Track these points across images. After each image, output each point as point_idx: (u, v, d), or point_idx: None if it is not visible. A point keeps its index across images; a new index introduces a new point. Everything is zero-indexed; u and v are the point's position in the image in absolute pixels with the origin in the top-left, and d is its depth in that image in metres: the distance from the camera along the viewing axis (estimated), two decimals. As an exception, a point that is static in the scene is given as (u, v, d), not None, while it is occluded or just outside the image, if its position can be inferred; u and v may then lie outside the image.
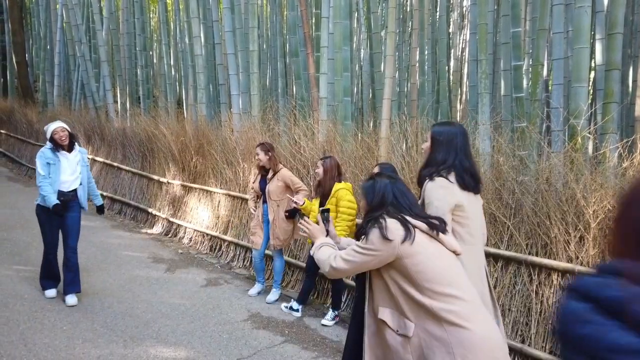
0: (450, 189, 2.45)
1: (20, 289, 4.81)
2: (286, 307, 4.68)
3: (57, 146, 4.49)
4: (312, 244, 4.44)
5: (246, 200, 6.15)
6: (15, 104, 15.39)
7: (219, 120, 7.87)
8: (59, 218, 4.52)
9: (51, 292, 4.67)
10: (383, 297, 2.04)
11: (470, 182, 2.52)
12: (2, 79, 20.03)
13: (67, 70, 13.53)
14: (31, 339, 3.78)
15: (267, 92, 11.27)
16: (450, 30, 11.96)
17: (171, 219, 7.48)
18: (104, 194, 8.97)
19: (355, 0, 10.64)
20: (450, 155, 2.50)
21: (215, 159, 6.84)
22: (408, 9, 11.67)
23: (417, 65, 9.02)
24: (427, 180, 2.50)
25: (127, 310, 4.48)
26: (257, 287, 5.13)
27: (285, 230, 4.85)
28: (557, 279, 3.50)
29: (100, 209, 5.03)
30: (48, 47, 14.64)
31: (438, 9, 10.43)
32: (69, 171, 4.54)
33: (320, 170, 4.45)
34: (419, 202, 2.47)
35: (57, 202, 4.40)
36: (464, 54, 12.30)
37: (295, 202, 4.51)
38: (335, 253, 2.16)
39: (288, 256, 5.50)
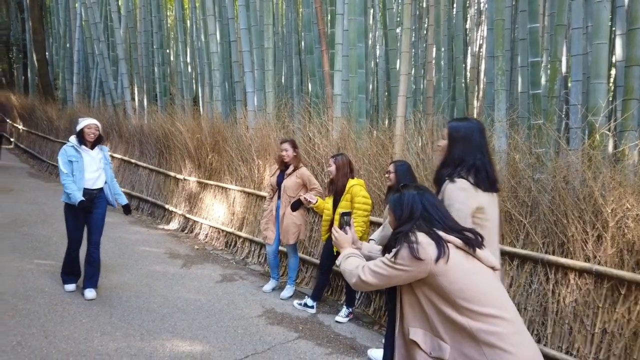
0: (471, 191, 2.34)
1: (41, 282, 4.92)
2: (300, 304, 4.71)
3: (82, 141, 4.54)
4: (327, 240, 4.49)
5: (261, 197, 6.19)
6: (36, 101, 15.71)
7: (234, 118, 7.93)
8: (85, 215, 4.59)
9: (71, 287, 4.77)
10: (415, 316, 1.92)
11: (488, 182, 2.42)
12: (23, 77, 20.46)
13: (86, 68, 13.75)
14: (51, 331, 3.87)
15: (282, 90, 11.31)
16: (467, 26, 11.84)
17: (187, 215, 7.58)
18: (123, 190, 9.09)
19: (370, -3, 10.59)
20: (468, 153, 2.40)
21: (231, 155, 6.89)
22: (424, 5, 11.57)
23: (433, 62, 8.95)
24: (447, 181, 2.39)
25: (144, 305, 4.55)
26: (271, 284, 5.17)
27: (294, 224, 4.87)
28: (574, 279, 3.46)
29: (126, 209, 4.93)
30: (67, 45, 14.89)
31: (454, 5, 10.34)
32: (93, 168, 4.58)
33: (332, 168, 4.46)
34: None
35: (83, 199, 4.45)
36: (481, 50, 12.18)
37: (309, 200, 4.54)
38: (363, 264, 2.03)
39: (302, 253, 5.53)
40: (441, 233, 1.90)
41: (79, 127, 4.56)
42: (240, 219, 6.62)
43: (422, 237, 1.87)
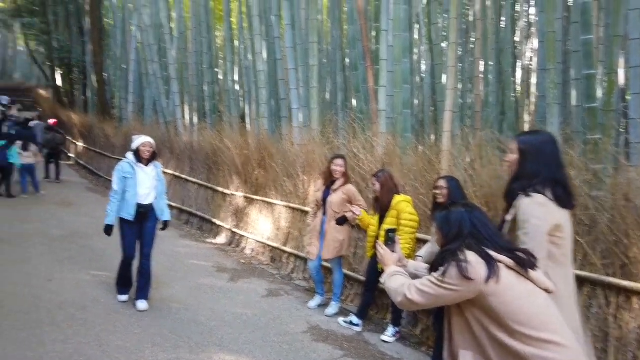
0: (549, 207, 2.22)
1: (97, 293, 5.14)
2: (345, 322, 4.67)
3: (138, 158, 4.75)
4: (372, 257, 4.45)
5: (306, 212, 6.23)
6: (94, 119, 16.61)
7: (280, 134, 8.06)
8: (138, 228, 4.78)
9: (124, 297, 4.96)
10: (465, 339, 1.85)
11: (565, 197, 2.29)
12: (83, 97, 21.69)
13: (140, 87, 14.43)
14: (105, 341, 4.03)
15: (327, 106, 11.40)
16: (516, 39, 11.55)
17: (234, 230, 7.73)
18: (173, 204, 9.43)
19: (415, 13, 10.57)
20: (542, 166, 2.28)
21: (276, 171, 7.00)
22: (471, 19, 11.42)
23: (481, 76, 8.79)
24: (521, 196, 2.26)
25: (193, 317, 4.66)
26: (316, 300, 5.16)
27: (336, 239, 4.85)
28: (638, 303, 3.25)
29: (165, 224, 5.06)
30: (124, 66, 15.71)
31: (503, 18, 10.13)
32: (146, 184, 4.78)
33: (377, 187, 4.43)
34: (511, 218, 2.27)
35: (112, 224, 4.71)
36: (531, 63, 11.84)
37: (353, 211, 4.54)
38: (409, 282, 1.98)
39: (347, 270, 5.50)
40: (491, 252, 1.83)
41: (134, 145, 4.78)
42: (286, 234, 6.68)
43: (471, 256, 1.81)
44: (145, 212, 4.78)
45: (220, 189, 8.41)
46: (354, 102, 8.89)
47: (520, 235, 2.22)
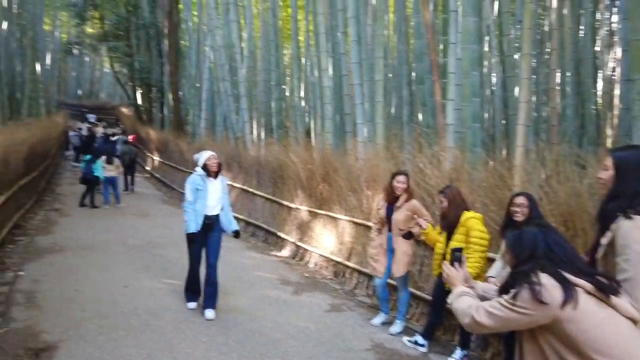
0: None
1: (169, 300, 5.37)
2: (410, 341, 4.53)
3: (207, 173, 4.97)
4: (439, 275, 4.31)
5: (369, 227, 6.17)
6: (170, 135, 17.60)
7: (344, 149, 8.08)
8: (204, 238, 4.99)
9: (192, 305, 5.15)
10: None
11: None
12: (160, 114, 23.09)
13: (212, 105, 15.13)
14: (176, 348, 4.18)
15: (392, 121, 11.31)
16: (597, 48, 10.88)
17: (298, 243, 7.81)
18: (240, 217, 9.71)
19: (485, 24, 10.28)
20: None
21: (340, 186, 7.01)
22: (546, 29, 10.92)
23: (557, 87, 8.34)
24: (620, 218, 2.08)
25: (258, 329, 4.73)
26: (380, 317, 5.06)
27: (406, 253, 4.74)
28: None
29: (236, 233, 5.30)
30: (197, 85, 16.57)
31: (582, 27, 9.59)
32: (214, 197, 5.01)
33: (445, 204, 4.29)
34: (607, 242, 2.11)
35: (194, 231, 4.88)
36: (614, 73, 11.08)
37: (420, 224, 4.44)
38: (477, 304, 1.89)
39: (413, 287, 5.35)
40: (568, 275, 1.71)
41: (201, 161, 5.01)
42: (349, 249, 6.64)
43: (545, 279, 1.69)
44: (210, 224, 4.98)
45: (285, 202, 8.55)
46: (420, 116, 8.75)
47: (619, 261, 2.03)
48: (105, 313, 4.86)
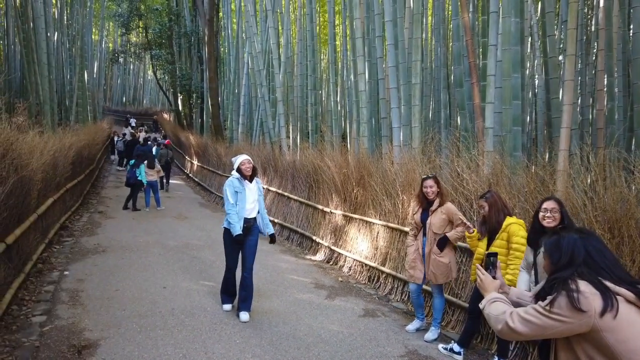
0: None
1: (205, 301, 5.46)
2: (445, 349, 4.42)
3: (242, 176, 5.05)
4: (475, 282, 4.19)
5: (404, 232, 6.08)
6: (209, 140, 17.99)
7: (380, 153, 8.02)
8: (243, 243, 5.04)
9: (227, 307, 5.22)
10: None
11: None
12: (200, 120, 23.66)
13: (250, 110, 15.38)
14: (211, 348, 4.24)
15: (429, 124, 11.16)
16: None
17: (333, 248, 7.78)
18: (275, 220, 9.79)
19: (528, 25, 9.98)
20: None
21: (375, 190, 6.94)
22: (592, 29, 10.51)
23: (605, 89, 7.99)
24: None
25: (291, 332, 4.73)
26: (415, 324, 4.97)
27: (442, 264, 4.64)
28: None
29: (272, 237, 5.24)
30: (236, 90, 16.87)
31: (631, 27, 9.16)
32: (251, 199, 5.07)
33: (486, 209, 4.17)
34: None
35: (240, 233, 4.91)
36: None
37: (468, 225, 4.34)
38: (511, 310, 1.84)
39: (448, 294, 5.23)
40: (608, 284, 1.65)
41: (235, 165, 5.09)
42: (384, 254, 6.57)
43: (584, 286, 1.64)
44: (249, 226, 5.03)
45: (320, 206, 8.55)
46: (458, 119, 8.58)
47: None
48: (144, 312, 4.98)
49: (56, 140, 8.64)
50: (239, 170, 5.05)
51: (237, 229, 4.91)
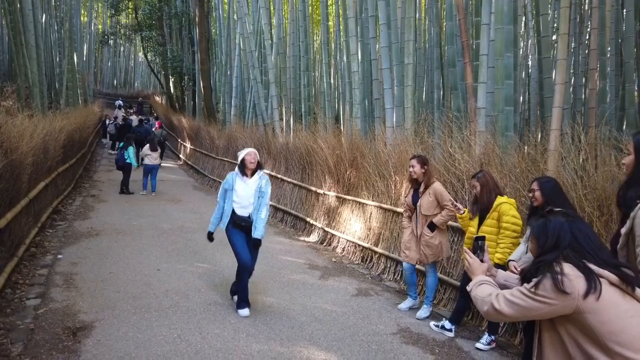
0: None
1: (199, 283, 5.49)
2: (436, 326, 4.49)
3: (242, 170, 4.77)
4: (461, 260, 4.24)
5: (397, 213, 6.12)
6: (201, 123, 17.87)
7: (373, 134, 8.01)
8: (246, 235, 4.72)
9: (245, 312, 4.66)
10: (556, 356, 1.74)
11: None
12: (192, 102, 23.45)
13: (242, 92, 15.25)
14: (205, 328, 4.28)
15: (422, 105, 11.13)
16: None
17: (326, 229, 7.82)
18: (269, 202, 9.79)
19: (521, 4, 9.91)
20: None
21: (368, 171, 6.96)
22: (585, 8, 10.45)
23: (597, 68, 7.99)
24: (638, 206, 2.02)
25: (285, 311, 4.79)
26: (408, 302, 5.03)
27: (432, 244, 4.69)
28: None
29: (257, 242, 4.70)
30: (228, 72, 16.70)
31: (624, 6, 9.12)
32: (245, 195, 4.71)
33: (478, 188, 4.21)
34: (625, 231, 2.06)
35: (211, 231, 4.88)
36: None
37: (458, 207, 4.40)
38: (497, 292, 1.88)
39: (441, 273, 5.29)
40: (593, 266, 1.69)
41: (240, 157, 4.78)
42: (377, 235, 6.61)
43: (568, 269, 1.69)
44: (247, 225, 4.70)
45: (313, 188, 8.57)
46: (451, 100, 8.56)
47: (638, 252, 1.95)
48: (138, 294, 5.01)
49: (46, 124, 8.53)
50: (242, 162, 4.74)
51: (212, 227, 4.88)
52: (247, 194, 4.70)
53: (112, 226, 8.17)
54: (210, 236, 4.94)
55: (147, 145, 11.92)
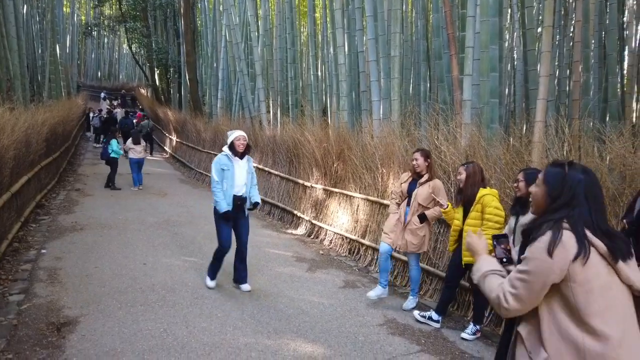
0: None
1: (186, 277, 5.46)
2: (423, 317, 4.53)
3: (234, 152, 4.93)
4: (454, 252, 4.28)
5: (384, 205, 6.14)
6: (187, 115, 17.70)
7: (360, 127, 8.01)
8: (233, 219, 4.96)
9: (212, 283, 5.13)
10: (530, 312, 1.74)
11: None
12: (178, 95, 23.20)
13: (228, 84, 15.13)
14: (192, 322, 4.26)
15: (409, 97, 11.15)
16: (625, 19, 10.46)
17: (313, 221, 7.83)
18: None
19: (506, -4, 9.95)
20: None
21: (355, 164, 6.97)
22: (570, 0, 10.53)
23: (581, 61, 8.07)
24: None
25: (272, 304, 4.79)
26: (377, 290, 4.87)
27: (417, 235, 4.71)
28: None
29: (255, 205, 5.14)
30: (214, 65, 16.54)
31: (608, -3, 9.22)
32: (241, 176, 4.96)
33: (462, 176, 4.24)
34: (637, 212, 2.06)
35: (228, 209, 4.84)
36: (641, 45, 10.66)
37: (441, 204, 4.40)
38: (504, 289, 1.75)
39: (426, 264, 5.34)
40: (588, 233, 1.67)
41: (229, 140, 4.94)
42: (364, 227, 6.64)
43: (567, 236, 1.65)
44: (241, 204, 4.97)
45: (300, 181, 8.56)
46: (438, 92, 8.59)
47: None
48: (124, 289, 4.97)
49: (28, 117, 8.38)
50: (231, 145, 4.92)
51: (224, 206, 4.83)
52: (242, 174, 4.96)
53: (97, 220, 8.08)
54: (227, 216, 4.87)
55: (130, 138, 11.74)
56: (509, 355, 1.86)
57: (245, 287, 5.09)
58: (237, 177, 4.92)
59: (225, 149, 4.99)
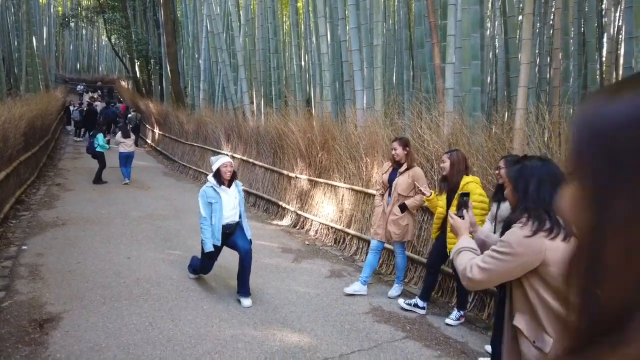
0: None
1: (171, 270, 5.43)
2: (408, 304, 4.58)
3: (219, 180, 4.64)
4: (436, 239, 4.32)
5: (369, 194, 6.17)
6: (169, 107, 17.47)
7: (344, 116, 8.00)
8: (227, 242, 4.74)
9: (193, 275, 5.18)
10: (520, 301, 1.82)
11: None
12: (159, 86, 22.87)
13: (211, 75, 14.94)
14: (177, 315, 4.25)
15: (392, 86, 11.16)
16: (603, 6, 10.58)
17: (299, 212, 7.83)
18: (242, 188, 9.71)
19: (487, -16, 9.98)
20: None
21: (339, 154, 6.97)
22: (550, -12, 10.60)
23: (561, 48, 8.14)
24: None
25: (258, 295, 4.79)
26: (355, 286, 4.89)
27: (399, 224, 4.74)
28: None
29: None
30: (196, 55, 16.31)
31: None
32: (230, 206, 4.67)
33: (446, 164, 4.27)
34: None
35: (212, 249, 4.58)
36: (620, 33, 10.81)
37: (423, 192, 4.42)
38: (472, 262, 1.86)
39: (411, 252, 5.38)
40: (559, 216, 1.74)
41: (214, 166, 4.63)
42: (349, 216, 6.66)
43: (540, 218, 1.75)
44: (231, 233, 4.72)
45: (285, 172, 8.53)
46: (420, 81, 8.61)
47: None
48: (108, 284, 4.92)
49: (5, 111, 8.19)
50: (217, 173, 4.60)
51: (209, 246, 4.55)
52: (233, 203, 4.67)
53: (79, 215, 7.96)
54: (211, 255, 4.66)
55: (119, 132, 11.53)
56: (504, 351, 1.89)
57: (245, 302, 4.57)
58: (226, 207, 4.60)
59: (211, 178, 4.64)
